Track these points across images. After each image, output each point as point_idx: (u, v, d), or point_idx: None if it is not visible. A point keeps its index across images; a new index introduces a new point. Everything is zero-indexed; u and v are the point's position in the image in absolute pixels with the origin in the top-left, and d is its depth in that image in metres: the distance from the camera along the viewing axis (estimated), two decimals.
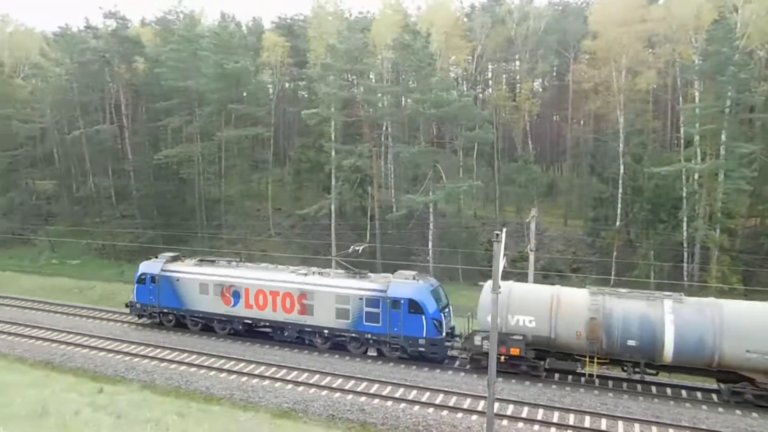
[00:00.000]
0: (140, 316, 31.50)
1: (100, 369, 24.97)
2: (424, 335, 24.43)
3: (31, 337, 29.12)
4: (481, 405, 19.95)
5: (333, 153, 44.52)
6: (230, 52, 48.96)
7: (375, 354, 26.17)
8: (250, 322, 28.53)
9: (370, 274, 27.56)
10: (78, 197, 57.23)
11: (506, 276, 23.10)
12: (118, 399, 20.66)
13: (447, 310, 25.78)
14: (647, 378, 22.34)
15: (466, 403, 20.43)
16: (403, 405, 20.39)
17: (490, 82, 64.85)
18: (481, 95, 61.46)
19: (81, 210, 56.01)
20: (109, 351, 26.90)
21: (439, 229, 43.01)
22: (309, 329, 26.97)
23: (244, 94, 52.08)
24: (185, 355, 26.01)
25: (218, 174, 51.43)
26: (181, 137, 52.48)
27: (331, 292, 26.38)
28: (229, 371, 23.96)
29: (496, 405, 18.53)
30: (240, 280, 28.37)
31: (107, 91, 56.46)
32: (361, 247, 29.79)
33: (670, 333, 20.66)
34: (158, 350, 26.74)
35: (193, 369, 24.41)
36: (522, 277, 28.96)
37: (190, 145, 49.76)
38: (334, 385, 22.16)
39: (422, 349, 24.74)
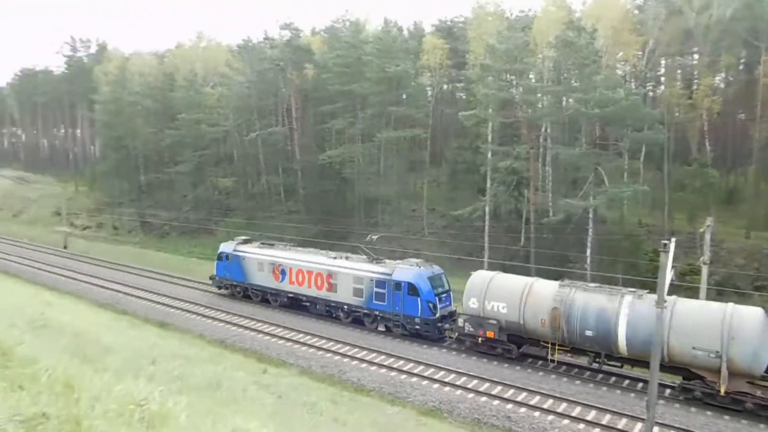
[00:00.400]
0: (219, 287, 38.02)
1: (265, 352, 27.27)
2: (419, 315, 27.73)
3: (210, 318, 32.71)
4: (637, 428, 18.65)
5: (489, 154, 44.11)
6: (392, 56, 50.68)
7: (383, 329, 29.56)
8: (292, 296, 33.70)
9: (385, 260, 31.25)
10: (252, 193, 62.92)
11: (673, 290, 21.39)
12: (279, 380, 22.33)
13: (445, 295, 28.65)
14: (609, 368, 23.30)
15: (621, 423, 19.17)
16: (551, 417, 19.69)
17: (663, 78, 59.80)
18: (651, 93, 56.96)
19: (254, 205, 61.46)
20: (273, 336, 29.28)
21: (599, 236, 40.61)
22: (334, 304, 31.56)
23: (404, 96, 53.68)
24: (339, 345, 27.45)
25: (377, 174, 53.42)
26: (344, 138, 55.39)
27: (350, 273, 30.80)
28: (379, 365, 24.85)
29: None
30: (286, 261, 33.89)
31: (280, 96, 61.25)
32: (376, 237, 33.78)
33: (623, 326, 21.53)
34: (315, 339, 28.52)
35: (346, 360, 25.71)
36: (692, 293, 26.45)
37: (352, 146, 52.42)
38: (480, 389, 22.01)
39: (417, 327, 28.04)
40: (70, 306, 31.86)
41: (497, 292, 25.08)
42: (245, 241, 37.88)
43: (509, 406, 20.60)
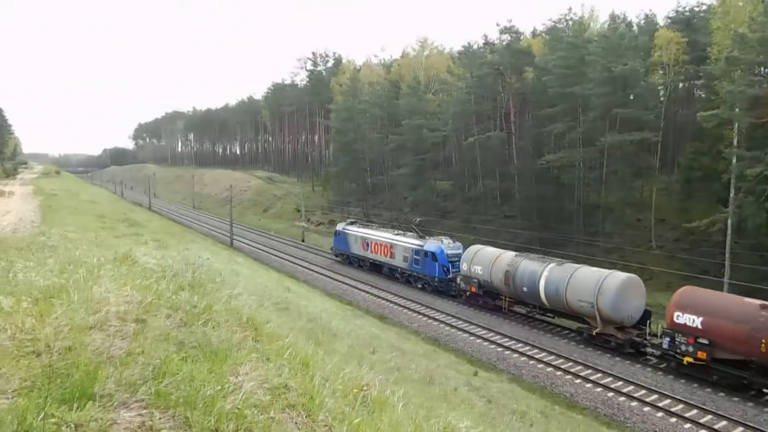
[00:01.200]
0: (336, 255, 52.27)
1: (476, 354, 27.70)
2: (437, 275, 39.30)
3: (424, 315, 34.23)
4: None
5: (734, 160, 38.82)
6: (618, 55, 47.49)
7: (420, 287, 41.04)
8: (371, 261, 47.11)
9: (427, 237, 42.69)
10: (468, 197, 63.99)
11: None
12: (489, 385, 22.50)
13: (458, 262, 37.56)
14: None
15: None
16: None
17: None
18: None
19: (470, 208, 62.42)
20: (484, 339, 29.59)
21: None
22: (393, 268, 44.39)
23: (631, 97, 49.87)
24: (552, 357, 26.72)
25: (598, 180, 50.53)
26: (563, 143, 53.48)
27: (401, 245, 43.17)
28: (595, 383, 23.63)
29: None
30: (368, 236, 47.70)
31: (499, 100, 61.32)
32: (419, 220, 49.16)
33: (542, 284, 30.00)
34: (527, 347, 28.16)
35: (559, 373, 24.93)
36: None
37: (572, 151, 50.28)
38: (716, 426, 19.61)
39: (436, 284, 39.42)
40: (305, 293, 35.79)
41: (478, 259, 35.07)
42: (351, 222, 52.62)
43: None
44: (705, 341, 22.87)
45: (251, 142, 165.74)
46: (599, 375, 24.42)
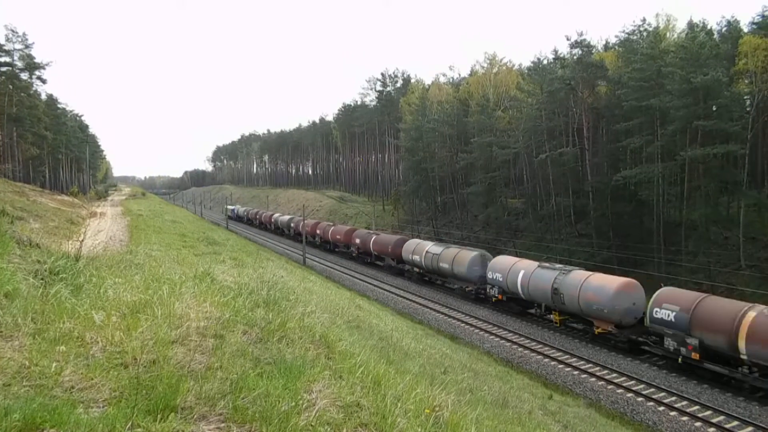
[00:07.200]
0: (228, 217, 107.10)
1: (551, 377, 26.80)
2: (234, 216, 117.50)
3: (497, 336, 33.52)
4: None
5: None
6: (699, 65, 45.38)
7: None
8: (229, 216, 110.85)
9: (236, 206, 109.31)
10: (541, 214, 62.51)
11: None
12: (565, 409, 21.62)
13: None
14: None
15: None
16: None
17: None
18: None
19: (543, 226, 60.98)
20: (559, 362, 28.58)
21: None
22: (233, 217, 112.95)
23: (714, 108, 47.38)
24: (632, 382, 25.45)
25: (679, 196, 48.15)
26: (640, 158, 51.48)
27: (232, 209, 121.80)
28: (681, 411, 22.26)
29: None
30: (229, 208, 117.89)
31: (571, 116, 59.82)
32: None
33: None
34: (605, 371, 26.97)
35: (640, 399, 23.69)
36: None
37: (650, 166, 48.28)
38: None
39: (234, 218, 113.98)
40: (376, 311, 35.89)
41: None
42: (230, 204, 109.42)
43: None
44: None
45: (323, 163, 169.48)
46: (685, 403, 23.00)
